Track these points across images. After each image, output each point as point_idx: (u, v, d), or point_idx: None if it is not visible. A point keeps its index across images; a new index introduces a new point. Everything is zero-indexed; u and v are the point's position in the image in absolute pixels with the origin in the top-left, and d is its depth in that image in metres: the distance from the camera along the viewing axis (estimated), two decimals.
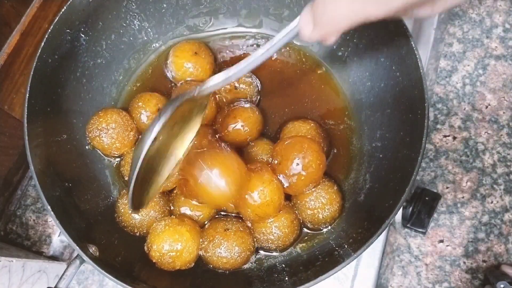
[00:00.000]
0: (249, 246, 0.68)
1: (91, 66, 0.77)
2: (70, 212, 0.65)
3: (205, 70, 0.79)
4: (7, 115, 0.79)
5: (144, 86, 0.83)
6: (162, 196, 0.71)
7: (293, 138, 0.70)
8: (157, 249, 0.65)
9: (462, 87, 0.89)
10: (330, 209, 0.70)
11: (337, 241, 0.69)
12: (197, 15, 0.84)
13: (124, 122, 0.74)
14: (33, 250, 0.84)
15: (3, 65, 0.78)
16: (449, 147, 0.86)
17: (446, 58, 0.91)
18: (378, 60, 0.73)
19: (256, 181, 0.65)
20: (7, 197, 0.85)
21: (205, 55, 0.79)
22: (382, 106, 0.73)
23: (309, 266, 0.67)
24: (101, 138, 0.72)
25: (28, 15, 0.82)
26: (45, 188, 0.62)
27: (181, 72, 0.79)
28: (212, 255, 0.67)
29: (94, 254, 0.62)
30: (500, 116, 0.87)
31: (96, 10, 0.73)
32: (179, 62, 0.79)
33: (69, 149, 0.72)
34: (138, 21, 0.80)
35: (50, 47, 0.68)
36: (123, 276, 0.60)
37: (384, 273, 0.81)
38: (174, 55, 0.79)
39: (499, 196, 0.83)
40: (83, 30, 0.73)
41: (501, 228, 0.82)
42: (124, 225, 0.70)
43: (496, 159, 0.85)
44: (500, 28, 0.92)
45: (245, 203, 0.65)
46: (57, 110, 0.71)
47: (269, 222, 0.68)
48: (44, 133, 0.67)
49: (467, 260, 0.81)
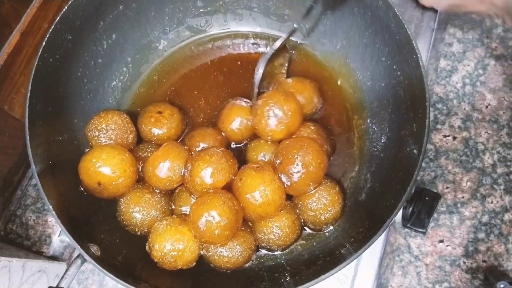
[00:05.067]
0: (250, 245, 0.68)
1: (92, 66, 0.77)
2: (71, 211, 0.65)
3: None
4: (7, 115, 0.79)
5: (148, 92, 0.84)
6: (164, 195, 0.71)
7: (294, 138, 0.70)
8: (159, 248, 0.65)
9: (462, 87, 0.89)
10: (332, 211, 0.70)
11: (338, 240, 0.69)
12: (197, 15, 0.84)
13: (124, 124, 0.74)
14: (33, 250, 0.84)
15: (3, 65, 0.78)
16: (449, 147, 0.86)
17: (446, 58, 0.91)
18: (379, 59, 0.73)
19: (257, 181, 0.65)
20: (7, 197, 0.85)
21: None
22: (383, 105, 0.74)
23: (310, 266, 0.67)
24: (100, 138, 0.72)
25: (28, 15, 0.82)
26: (46, 187, 0.62)
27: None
28: (213, 254, 0.67)
29: (96, 253, 0.62)
30: (500, 116, 0.87)
31: (97, 10, 0.73)
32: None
33: (70, 149, 0.72)
34: (139, 21, 0.80)
35: (51, 46, 0.68)
36: (124, 275, 0.60)
37: (384, 273, 0.81)
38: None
39: (499, 196, 0.83)
40: (84, 30, 0.73)
41: (501, 228, 0.82)
42: (125, 224, 0.70)
43: (496, 159, 0.85)
44: (500, 28, 0.93)
45: (247, 202, 0.65)
46: (58, 109, 0.71)
47: (270, 222, 0.68)
48: (45, 132, 0.67)
49: (467, 260, 0.81)
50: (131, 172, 0.69)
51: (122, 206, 0.70)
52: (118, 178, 0.68)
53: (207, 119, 0.81)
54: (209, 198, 0.64)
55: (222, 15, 0.86)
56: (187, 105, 0.82)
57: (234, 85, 0.83)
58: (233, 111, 0.75)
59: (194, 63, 0.85)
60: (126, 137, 0.74)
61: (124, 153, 0.69)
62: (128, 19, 0.79)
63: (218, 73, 0.84)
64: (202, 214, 0.63)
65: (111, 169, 0.67)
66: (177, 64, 0.85)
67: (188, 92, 0.83)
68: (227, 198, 0.65)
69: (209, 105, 0.82)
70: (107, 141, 0.72)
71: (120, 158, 0.68)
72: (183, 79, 0.84)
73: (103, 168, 0.67)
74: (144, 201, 0.69)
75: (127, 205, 0.69)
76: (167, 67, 0.85)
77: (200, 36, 0.86)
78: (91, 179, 0.67)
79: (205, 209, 0.63)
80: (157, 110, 0.77)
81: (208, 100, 0.82)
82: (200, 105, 0.82)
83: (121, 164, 0.68)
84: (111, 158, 0.68)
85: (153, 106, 0.77)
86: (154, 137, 0.76)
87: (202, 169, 0.66)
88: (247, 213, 0.67)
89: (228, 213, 0.63)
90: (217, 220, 0.63)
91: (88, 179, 0.67)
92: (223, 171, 0.67)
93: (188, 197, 0.71)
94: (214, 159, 0.67)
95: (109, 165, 0.67)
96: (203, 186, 0.67)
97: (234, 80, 0.83)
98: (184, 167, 0.69)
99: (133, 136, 0.75)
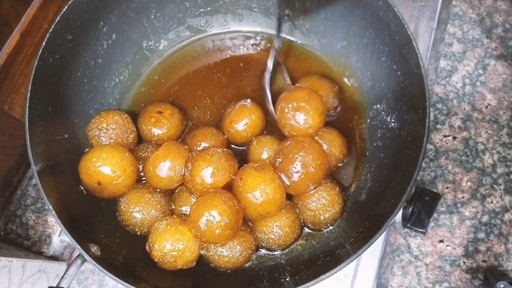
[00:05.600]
0: (250, 245, 0.68)
1: (92, 66, 0.77)
2: (71, 211, 0.65)
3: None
4: (7, 115, 0.79)
5: (149, 92, 0.84)
6: (164, 195, 0.72)
7: (295, 138, 0.70)
8: (159, 248, 0.65)
9: (462, 87, 0.89)
10: (332, 211, 0.70)
11: (338, 240, 0.69)
12: (198, 15, 0.84)
13: (124, 124, 0.74)
14: (33, 250, 0.84)
15: (3, 65, 0.78)
16: (449, 147, 0.86)
17: (446, 58, 0.92)
18: (379, 59, 0.73)
19: (258, 180, 0.65)
20: (7, 197, 0.85)
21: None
22: (384, 105, 0.74)
23: (310, 266, 0.67)
24: (100, 138, 0.72)
25: (28, 15, 0.82)
26: (46, 187, 0.62)
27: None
28: (213, 254, 0.67)
29: (96, 253, 0.62)
30: (500, 116, 0.87)
31: (97, 10, 0.73)
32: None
33: (70, 148, 0.72)
34: (139, 20, 0.80)
35: (51, 46, 0.68)
36: (124, 275, 0.60)
37: (384, 273, 0.81)
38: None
39: (499, 196, 0.83)
40: (84, 30, 0.73)
41: (501, 228, 0.82)
42: (125, 224, 0.70)
43: (496, 159, 0.85)
44: (500, 28, 0.93)
45: (247, 201, 0.65)
46: (58, 109, 0.71)
47: (270, 221, 0.68)
48: (45, 132, 0.67)
49: (467, 260, 0.81)
50: (131, 172, 0.69)
51: (122, 206, 0.70)
52: (118, 177, 0.68)
53: (208, 119, 0.81)
54: (210, 198, 0.64)
55: (222, 15, 0.86)
56: (187, 105, 0.82)
57: (235, 85, 0.83)
58: (243, 113, 0.76)
59: (194, 63, 0.85)
60: (127, 137, 0.74)
61: (124, 153, 0.69)
62: (128, 19, 0.79)
63: (219, 73, 0.84)
64: (202, 214, 0.63)
65: (111, 169, 0.67)
66: (177, 64, 0.85)
67: (188, 92, 0.83)
68: (228, 197, 0.65)
69: (210, 105, 0.82)
70: (108, 140, 0.72)
71: (120, 158, 0.68)
72: (183, 79, 0.84)
73: (103, 168, 0.67)
74: (144, 201, 0.69)
75: (127, 205, 0.69)
76: (167, 67, 0.85)
77: (200, 36, 0.86)
78: (91, 178, 0.67)
79: (206, 208, 0.63)
80: (157, 110, 0.77)
81: (208, 100, 0.82)
82: (200, 105, 0.82)
83: (121, 163, 0.68)
84: (111, 158, 0.68)
85: (154, 106, 0.77)
86: (154, 137, 0.76)
87: (203, 168, 0.66)
88: (248, 213, 0.67)
89: (228, 213, 0.63)
90: (218, 220, 0.63)
91: (88, 178, 0.67)
92: (223, 170, 0.67)
93: (188, 197, 0.71)
94: (214, 159, 0.67)
95: (109, 165, 0.67)
96: (203, 186, 0.67)
97: (235, 80, 0.83)
98: (185, 167, 0.69)
99: (133, 136, 0.75)
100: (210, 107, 0.82)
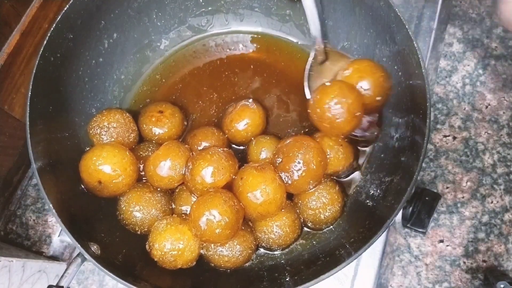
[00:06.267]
0: (250, 245, 0.68)
1: (93, 65, 0.77)
2: (71, 210, 0.65)
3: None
4: (7, 115, 0.79)
5: (150, 91, 0.84)
6: (164, 195, 0.72)
7: (295, 137, 0.70)
8: (159, 247, 0.65)
9: (462, 87, 0.90)
10: (332, 210, 0.70)
11: (338, 240, 0.69)
12: (199, 14, 0.84)
13: (126, 123, 0.74)
14: (33, 250, 0.84)
15: (3, 65, 0.78)
16: (449, 147, 0.86)
17: (446, 58, 0.92)
18: (380, 60, 0.73)
19: (258, 179, 0.65)
20: (7, 197, 0.85)
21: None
22: (384, 105, 0.74)
23: (310, 265, 0.67)
24: (101, 136, 0.72)
25: (28, 15, 0.82)
26: (47, 186, 0.62)
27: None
28: (213, 253, 0.67)
29: (96, 252, 0.62)
30: (500, 116, 0.87)
31: (98, 8, 0.73)
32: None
33: (70, 147, 0.72)
34: (140, 20, 0.80)
35: (53, 45, 0.68)
36: (124, 274, 0.60)
37: (384, 273, 0.81)
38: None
39: (499, 196, 0.83)
40: (85, 29, 0.73)
41: (501, 228, 0.82)
42: (125, 223, 0.70)
43: (496, 159, 0.85)
44: (500, 28, 0.93)
45: (248, 201, 0.65)
46: (59, 108, 0.71)
47: (270, 221, 0.68)
48: (45, 130, 0.67)
49: (467, 260, 0.81)
50: (132, 171, 0.69)
51: (122, 205, 0.70)
52: (118, 176, 0.67)
53: (209, 119, 0.81)
54: (210, 197, 0.64)
55: (223, 15, 0.86)
56: (188, 104, 0.82)
57: (236, 84, 0.83)
58: (244, 112, 0.76)
59: (195, 62, 0.85)
60: (128, 136, 0.74)
61: (124, 152, 0.69)
62: (129, 18, 0.79)
63: (220, 73, 0.84)
64: (203, 213, 0.63)
65: (112, 168, 0.67)
66: (178, 63, 0.85)
67: (189, 91, 0.83)
68: (228, 197, 0.65)
69: (210, 104, 0.82)
70: (109, 139, 0.72)
71: (120, 157, 0.68)
72: (184, 78, 0.84)
73: (104, 166, 0.67)
74: (144, 200, 0.69)
75: (127, 204, 0.69)
76: (168, 67, 0.85)
77: (202, 36, 0.86)
78: (91, 177, 0.67)
79: (206, 208, 0.63)
80: (158, 109, 0.77)
81: (209, 100, 0.82)
82: (201, 105, 0.82)
83: (122, 162, 0.68)
84: (112, 157, 0.68)
85: (154, 106, 0.78)
86: (155, 136, 0.76)
87: (203, 168, 0.66)
88: (248, 212, 0.67)
89: (229, 212, 0.63)
90: (218, 219, 0.63)
91: (89, 177, 0.67)
92: (223, 170, 0.67)
93: (189, 197, 0.71)
94: (215, 158, 0.67)
95: (110, 164, 0.67)
96: (203, 185, 0.67)
97: (236, 80, 0.83)
98: (185, 166, 0.69)
99: (134, 135, 0.75)
100: (211, 106, 0.82)
